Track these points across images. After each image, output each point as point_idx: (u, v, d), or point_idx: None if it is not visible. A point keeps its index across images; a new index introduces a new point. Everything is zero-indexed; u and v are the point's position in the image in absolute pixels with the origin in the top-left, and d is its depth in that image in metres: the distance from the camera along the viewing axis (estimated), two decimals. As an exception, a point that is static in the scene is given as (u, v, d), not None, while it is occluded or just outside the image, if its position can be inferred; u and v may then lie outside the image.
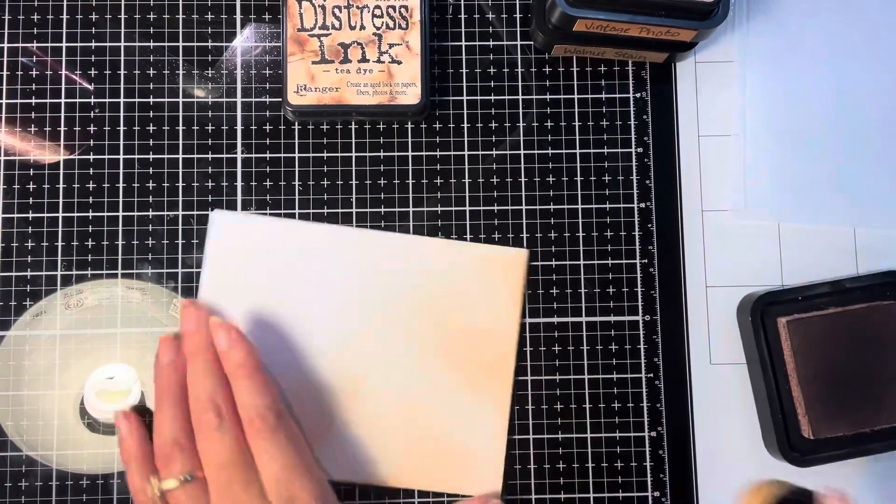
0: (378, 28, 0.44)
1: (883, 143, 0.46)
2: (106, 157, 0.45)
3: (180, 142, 0.45)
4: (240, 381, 0.39)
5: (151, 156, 0.45)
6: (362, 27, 0.44)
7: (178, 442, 0.39)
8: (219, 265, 0.44)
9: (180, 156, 0.45)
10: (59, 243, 0.44)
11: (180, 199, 0.45)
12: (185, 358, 0.40)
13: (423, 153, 0.46)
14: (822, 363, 0.42)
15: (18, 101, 0.45)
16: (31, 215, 0.44)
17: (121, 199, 0.45)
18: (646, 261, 0.45)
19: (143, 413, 0.43)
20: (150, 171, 0.45)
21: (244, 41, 0.46)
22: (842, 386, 0.42)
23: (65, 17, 0.46)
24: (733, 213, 0.45)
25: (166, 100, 0.45)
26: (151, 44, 0.46)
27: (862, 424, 0.42)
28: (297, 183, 0.45)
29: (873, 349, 0.42)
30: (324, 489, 0.39)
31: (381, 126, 0.46)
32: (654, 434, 0.44)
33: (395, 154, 0.46)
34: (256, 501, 0.37)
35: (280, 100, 0.46)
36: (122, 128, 0.45)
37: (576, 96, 0.46)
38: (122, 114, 0.45)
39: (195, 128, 0.45)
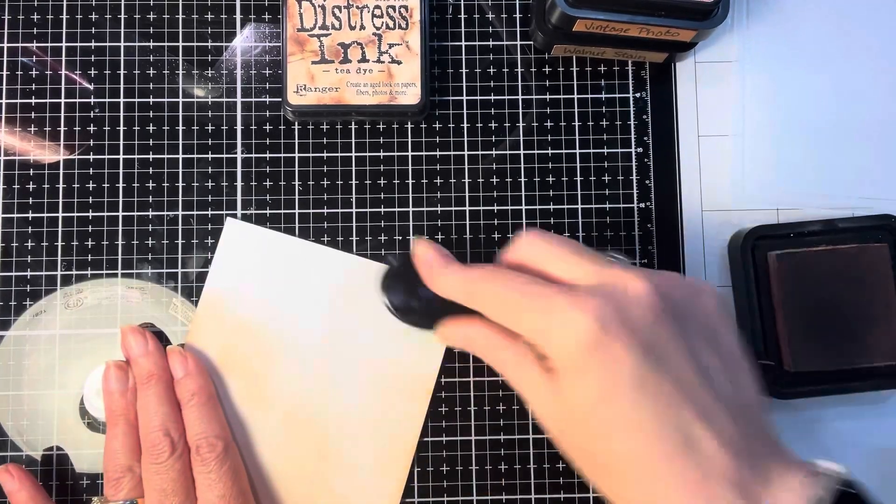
0: (378, 28, 0.44)
1: (884, 142, 0.46)
2: (106, 156, 0.45)
3: (180, 142, 0.45)
4: (192, 409, 0.40)
5: (151, 156, 0.45)
6: (362, 27, 0.44)
7: (132, 468, 0.40)
8: (224, 272, 0.44)
9: (180, 156, 0.45)
10: (59, 243, 0.44)
11: (180, 199, 0.45)
12: (135, 381, 0.41)
13: (423, 153, 0.46)
14: (808, 298, 0.42)
15: (18, 100, 0.45)
16: (31, 215, 0.44)
17: (121, 199, 0.45)
18: (646, 261, 0.45)
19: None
20: (150, 170, 0.45)
21: (244, 41, 0.46)
22: (826, 322, 0.42)
23: (65, 16, 0.46)
24: (734, 200, 0.45)
25: (166, 100, 0.45)
26: (151, 44, 0.46)
27: (843, 362, 0.42)
28: (297, 183, 0.45)
29: (860, 289, 0.42)
30: None
31: (381, 126, 0.46)
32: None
33: (395, 154, 0.46)
34: None
35: (280, 100, 0.46)
36: (121, 128, 0.45)
37: (575, 96, 0.46)
38: (121, 114, 0.45)
39: (195, 128, 0.45)
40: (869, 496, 0.29)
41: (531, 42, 0.46)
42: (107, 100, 0.45)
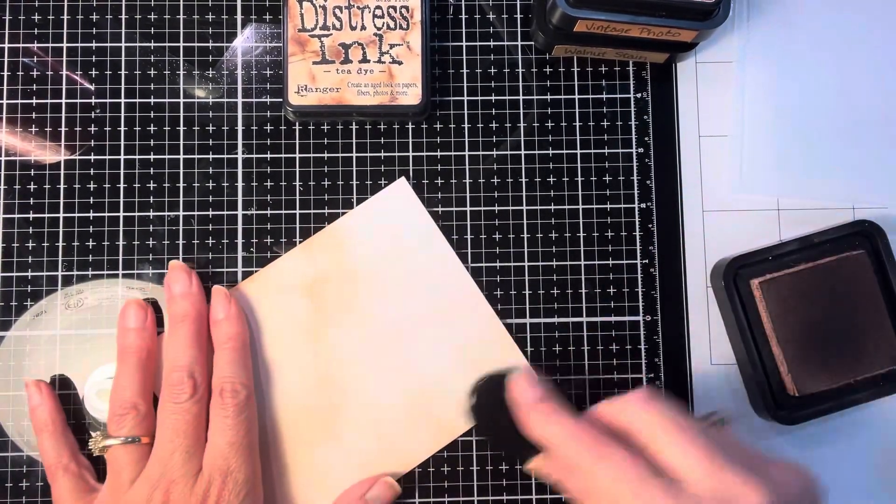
0: (379, 28, 0.44)
1: (885, 142, 0.46)
2: (107, 157, 0.45)
3: (181, 142, 0.45)
4: (224, 353, 0.40)
5: (152, 156, 0.45)
6: (363, 27, 0.44)
7: (136, 406, 0.40)
8: (365, 217, 0.45)
9: (181, 156, 0.45)
10: (60, 243, 0.44)
11: (181, 199, 0.45)
12: (152, 322, 0.41)
13: (424, 153, 0.46)
14: (798, 320, 0.42)
15: (19, 101, 0.45)
16: (31, 215, 0.44)
17: (121, 200, 0.45)
18: (646, 261, 0.45)
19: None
20: (151, 171, 0.45)
21: (245, 41, 0.46)
22: (821, 340, 0.42)
23: (65, 17, 0.46)
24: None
25: (167, 100, 0.45)
26: (152, 44, 0.46)
27: (844, 376, 0.42)
28: (297, 183, 0.45)
29: (847, 300, 0.42)
30: (256, 476, 0.40)
31: (382, 126, 0.46)
32: (654, 434, 0.44)
33: (396, 154, 0.46)
34: (189, 475, 0.38)
35: (281, 100, 0.46)
36: (122, 128, 0.45)
37: (576, 96, 0.46)
38: (122, 114, 0.45)
39: (196, 128, 0.45)
40: None
41: (532, 42, 0.46)
42: (108, 100, 0.45)
